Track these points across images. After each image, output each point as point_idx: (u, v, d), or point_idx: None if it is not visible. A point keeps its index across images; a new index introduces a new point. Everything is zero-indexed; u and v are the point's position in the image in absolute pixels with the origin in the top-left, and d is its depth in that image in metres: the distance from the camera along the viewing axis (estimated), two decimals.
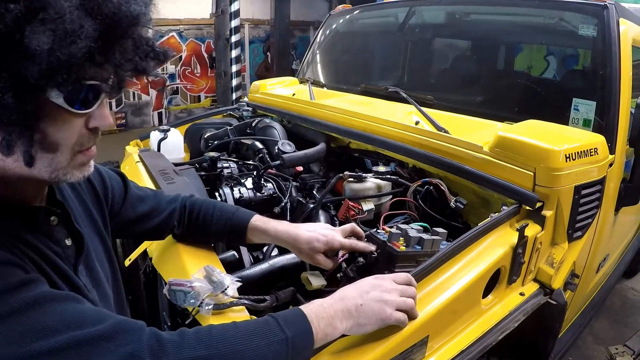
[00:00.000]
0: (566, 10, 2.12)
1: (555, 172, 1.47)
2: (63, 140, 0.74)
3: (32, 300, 0.69)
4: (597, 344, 2.99)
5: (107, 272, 1.05)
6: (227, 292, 1.09)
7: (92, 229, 1.04)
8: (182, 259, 1.29)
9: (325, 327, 0.89)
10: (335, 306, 0.92)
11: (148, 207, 1.26)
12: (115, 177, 1.20)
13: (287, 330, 0.83)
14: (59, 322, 0.69)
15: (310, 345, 0.87)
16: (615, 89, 1.83)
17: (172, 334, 0.77)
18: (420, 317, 1.06)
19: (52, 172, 0.76)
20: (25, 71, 0.63)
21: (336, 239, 1.24)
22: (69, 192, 0.99)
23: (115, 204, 1.17)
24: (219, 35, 7.64)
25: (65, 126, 0.73)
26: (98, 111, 0.77)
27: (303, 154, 2.05)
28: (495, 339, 1.25)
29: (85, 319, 0.72)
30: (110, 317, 0.75)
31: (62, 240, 0.89)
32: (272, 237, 1.28)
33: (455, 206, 1.58)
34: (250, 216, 1.31)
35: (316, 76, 3.20)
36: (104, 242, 1.07)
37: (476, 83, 2.50)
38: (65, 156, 0.76)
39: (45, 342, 0.67)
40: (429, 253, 1.21)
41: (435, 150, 1.74)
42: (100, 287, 0.98)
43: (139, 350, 0.72)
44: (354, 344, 0.99)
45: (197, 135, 2.65)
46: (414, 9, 2.72)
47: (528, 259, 1.43)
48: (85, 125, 0.76)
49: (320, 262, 1.25)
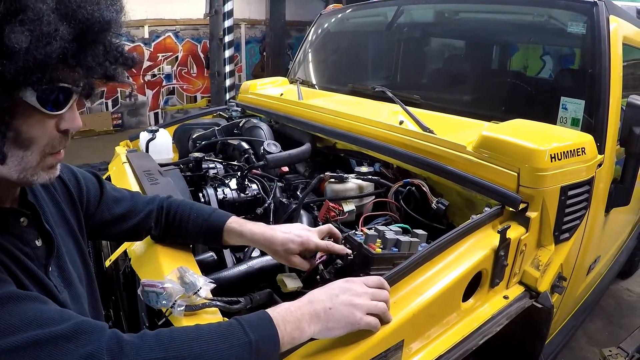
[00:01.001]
0: (555, 8, 2.10)
1: (540, 172, 1.45)
2: (35, 139, 0.76)
3: None
4: (591, 345, 2.98)
5: (81, 273, 1.05)
6: (200, 293, 1.07)
7: (66, 231, 1.04)
8: (158, 260, 1.27)
9: (292, 330, 0.87)
10: (303, 309, 0.91)
11: (124, 209, 1.26)
12: (90, 179, 1.21)
13: (252, 333, 0.82)
14: (20, 321, 0.71)
15: (276, 349, 0.85)
16: (604, 88, 1.80)
17: (133, 336, 0.78)
18: (395, 320, 1.04)
19: (21, 171, 0.78)
20: (2, 68, 0.66)
21: (311, 240, 1.23)
22: (42, 194, 1.00)
23: (91, 205, 1.18)
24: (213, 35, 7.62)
25: (37, 126, 0.76)
26: (69, 113, 0.80)
27: (287, 155, 2.04)
28: (476, 343, 1.22)
29: (47, 319, 0.73)
30: (72, 317, 0.76)
31: (32, 241, 0.90)
32: (247, 239, 1.27)
33: (437, 207, 1.55)
34: (227, 218, 1.29)
35: (307, 76, 3.19)
36: (78, 244, 1.07)
37: (464, 82, 2.49)
38: (35, 156, 0.78)
39: (6, 340, 0.68)
40: (406, 255, 1.19)
41: (418, 151, 1.71)
42: (73, 288, 0.98)
43: (97, 351, 0.72)
44: (324, 347, 0.97)
45: (186, 135, 2.65)
46: (402, 8, 2.70)
47: (512, 261, 1.40)
48: (56, 127, 0.79)
49: (296, 264, 1.23)
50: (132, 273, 1.45)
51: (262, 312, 0.89)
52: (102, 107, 9.33)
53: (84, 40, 0.74)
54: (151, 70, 9.81)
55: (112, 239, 1.48)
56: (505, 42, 2.73)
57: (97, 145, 7.83)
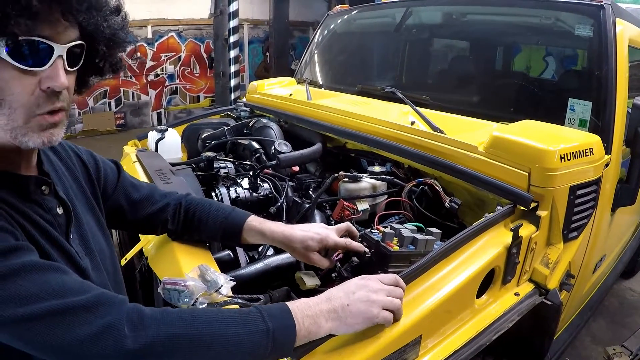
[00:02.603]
0: (562, 11, 2.12)
1: (550, 172, 1.47)
2: (13, 97, 0.74)
3: (19, 267, 0.71)
4: (595, 344, 2.99)
5: (103, 247, 1.06)
6: (221, 291, 1.09)
7: (86, 206, 1.05)
8: (177, 258, 1.29)
9: (309, 325, 0.89)
10: (322, 306, 0.93)
11: (141, 196, 1.27)
12: (109, 164, 1.22)
13: (270, 322, 0.84)
14: (42, 290, 0.71)
15: (292, 340, 0.87)
16: (611, 89, 1.83)
17: (154, 310, 0.79)
18: (413, 316, 1.07)
19: (11, 131, 0.76)
20: None
21: (330, 237, 1.24)
22: (61, 168, 1.02)
23: (108, 188, 1.19)
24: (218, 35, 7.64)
25: (13, 82, 0.73)
26: (50, 71, 0.76)
27: (299, 154, 2.05)
28: (489, 339, 1.25)
29: (68, 289, 0.74)
30: (93, 289, 0.77)
31: (54, 209, 0.91)
32: (267, 237, 1.28)
33: (450, 206, 1.58)
34: (246, 216, 1.31)
35: (314, 76, 3.20)
36: (99, 221, 1.08)
37: (472, 83, 2.50)
38: (20, 115, 0.75)
39: (27, 308, 0.69)
40: (422, 253, 1.21)
41: (430, 151, 1.74)
42: (94, 257, 0.99)
43: (117, 321, 0.73)
44: (345, 343, 0.99)
45: (195, 135, 2.65)
46: (411, 10, 2.72)
47: (523, 259, 1.43)
48: (39, 86, 0.76)
49: (315, 261, 1.25)
50: (149, 271, 1.46)
51: (282, 303, 0.91)
52: (105, 106, 9.33)
53: None
54: (154, 70, 9.82)
55: (127, 227, 1.44)
56: (514, 44, 2.75)
57: (100, 144, 7.84)
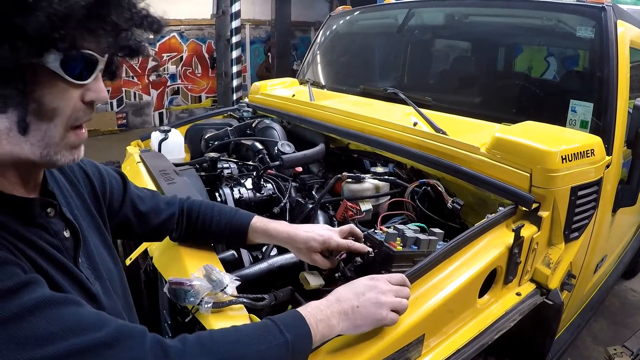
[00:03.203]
0: (564, 12, 2.14)
1: (552, 173, 1.49)
2: (58, 111, 0.73)
3: (33, 305, 0.67)
4: (596, 344, 3.00)
5: (111, 268, 1.03)
6: (227, 290, 1.10)
7: (91, 224, 1.01)
8: (182, 258, 1.30)
9: (323, 328, 0.91)
10: (332, 308, 0.94)
11: (147, 207, 1.25)
12: (114, 176, 1.19)
13: (287, 333, 0.85)
14: (59, 329, 0.67)
15: (309, 347, 0.89)
16: (612, 91, 1.84)
17: (174, 341, 0.77)
18: (416, 315, 1.08)
19: (44, 147, 0.74)
20: (24, 24, 0.62)
21: (333, 239, 1.25)
22: (66, 185, 0.98)
23: (115, 202, 1.16)
24: (220, 36, 7.64)
25: (60, 95, 0.72)
26: (94, 84, 0.76)
27: (302, 155, 2.06)
28: (491, 338, 1.26)
29: (86, 324, 0.70)
30: (111, 321, 0.74)
31: (61, 232, 0.86)
32: (273, 237, 1.30)
33: (453, 207, 1.59)
34: (250, 217, 1.32)
35: (316, 77, 3.22)
36: (104, 239, 1.05)
37: (474, 84, 2.51)
38: (59, 129, 0.74)
39: (46, 349, 0.65)
40: (425, 253, 1.23)
41: (432, 151, 1.75)
42: (103, 281, 0.95)
43: (142, 357, 0.71)
44: (350, 342, 1.01)
45: (198, 135, 2.66)
46: (413, 11, 2.73)
47: (524, 259, 1.44)
48: (81, 99, 0.76)
49: (317, 261, 1.27)
50: (154, 271, 1.48)
51: (294, 311, 0.92)
52: (107, 106, 9.34)
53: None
54: (156, 70, 9.83)
55: (134, 238, 1.45)
56: (515, 45, 2.75)
57: (102, 144, 7.85)
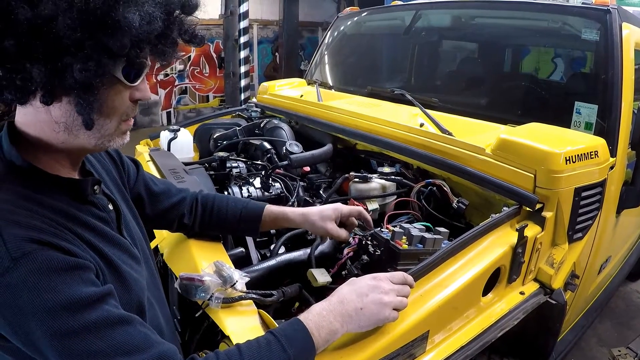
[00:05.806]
0: (569, 15, 2.15)
1: (556, 174, 1.51)
2: (115, 109, 0.85)
3: (93, 325, 0.75)
4: (601, 346, 3.01)
5: (139, 235, 1.12)
6: (236, 286, 1.13)
7: (122, 198, 1.11)
8: (192, 255, 1.33)
9: (326, 335, 0.93)
10: (335, 312, 0.97)
11: (159, 189, 1.33)
12: (128, 161, 1.28)
13: (289, 349, 0.87)
14: (109, 346, 0.75)
15: (312, 357, 0.92)
16: (617, 93, 1.86)
17: None
18: (421, 312, 1.11)
19: (99, 138, 0.86)
20: (110, 44, 0.74)
21: (344, 207, 1.35)
22: (96, 164, 1.08)
23: (130, 180, 1.24)
24: (228, 36, 7.68)
25: (118, 96, 0.84)
26: (141, 85, 0.88)
27: (310, 155, 2.09)
28: (494, 336, 1.29)
29: (133, 345, 0.78)
30: (156, 344, 0.81)
31: (107, 206, 0.98)
32: (288, 217, 1.36)
33: (458, 207, 1.62)
34: (264, 204, 1.39)
35: (324, 78, 3.24)
36: (132, 209, 1.15)
37: (480, 86, 2.53)
38: (114, 123, 0.86)
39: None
40: (430, 251, 1.25)
41: (438, 152, 1.77)
42: (137, 246, 1.05)
43: None
44: (354, 339, 1.04)
45: (207, 135, 2.69)
46: (420, 13, 2.75)
47: (528, 258, 1.47)
48: (130, 98, 0.87)
49: (332, 230, 1.32)
50: (164, 267, 1.51)
51: (296, 321, 0.94)
52: None
53: (169, 21, 0.84)
54: (164, 69, 9.88)
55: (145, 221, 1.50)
56: (521, 47, 2.77)
57: None
